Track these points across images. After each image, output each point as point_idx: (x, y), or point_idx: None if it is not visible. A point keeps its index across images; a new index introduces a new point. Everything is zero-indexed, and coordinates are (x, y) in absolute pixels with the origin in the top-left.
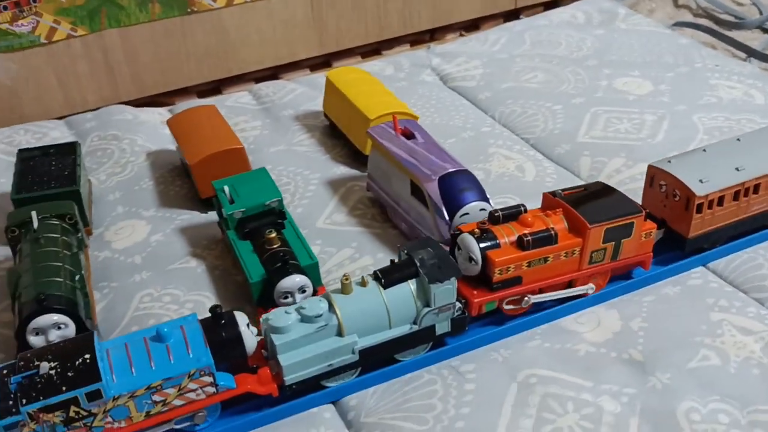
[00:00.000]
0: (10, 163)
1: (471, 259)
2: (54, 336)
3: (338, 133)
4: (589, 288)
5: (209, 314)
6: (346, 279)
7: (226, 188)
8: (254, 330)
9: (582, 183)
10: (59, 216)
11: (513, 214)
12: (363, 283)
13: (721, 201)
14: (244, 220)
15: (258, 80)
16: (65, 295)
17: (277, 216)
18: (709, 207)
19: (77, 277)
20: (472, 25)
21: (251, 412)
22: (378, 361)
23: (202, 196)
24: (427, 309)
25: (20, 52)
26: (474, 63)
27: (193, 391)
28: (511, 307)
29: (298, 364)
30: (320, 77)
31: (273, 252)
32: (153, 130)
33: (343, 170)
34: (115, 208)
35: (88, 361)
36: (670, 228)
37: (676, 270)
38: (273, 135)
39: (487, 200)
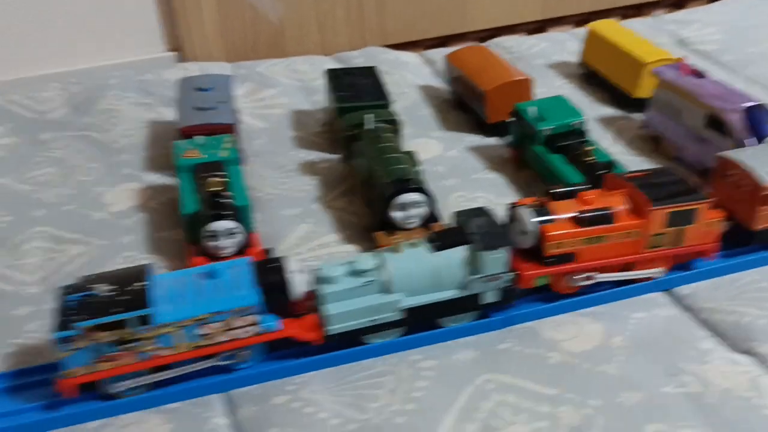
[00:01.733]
0: (297, 87)
1: (524, 231)
2: (413, 213)
3: (597, 80)
4: (657, 272)
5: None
6: (398, 239)
7: (531, 109)
8: (303, 277)
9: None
10: (386, 122)
11: (573, 192)
12: (414, 245)
13: None
14: (551, 136)
15: (481, 39)
16: (418, 178)
17: (579, 135)
18: None
19: (415, 170)
20: (675, 4)
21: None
22: (423, 322)
23: (490, 120)
24: (475, 276)
25: None
26: (710, 30)
27: (239, 328)
28: (566, 284)
29: (341, 315)
30: (557, 34)
31: (592, 163)
32: (416, 68)
33: (610, 111)
34: (405, 128)
35: (140, 287)
36: (738, 220)
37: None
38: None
39: None
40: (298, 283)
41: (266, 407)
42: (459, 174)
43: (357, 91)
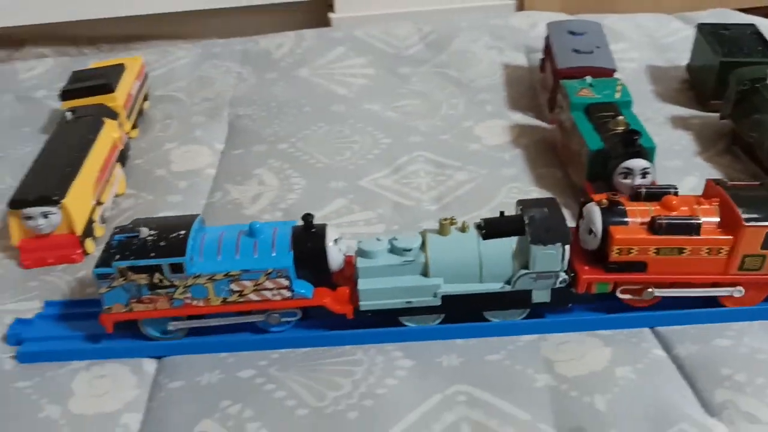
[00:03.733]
0: (646, 42)
1: (591, 231)
2: None
3: None
4: (736, 291)
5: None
6: (445, 220)
7: None
8: (343, 248)
9: None
10: None
11: (658, 194)
12: (463, 229)
13: None
14: None
15: None
16: None
17: None
18: None
19: None
20: None
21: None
22: (465, 313)
23: None
24: (523, 271)
25: None
26: None
27: (269, 290)
28: (628, 296)
29: (375, 292)
30: None
31: None
32: None
33: None
34: None
35: (180, 237)
36: None
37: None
38: None
39: None
40: (337, 253)
41: (710, 348)
42: None
43: (741, 46)
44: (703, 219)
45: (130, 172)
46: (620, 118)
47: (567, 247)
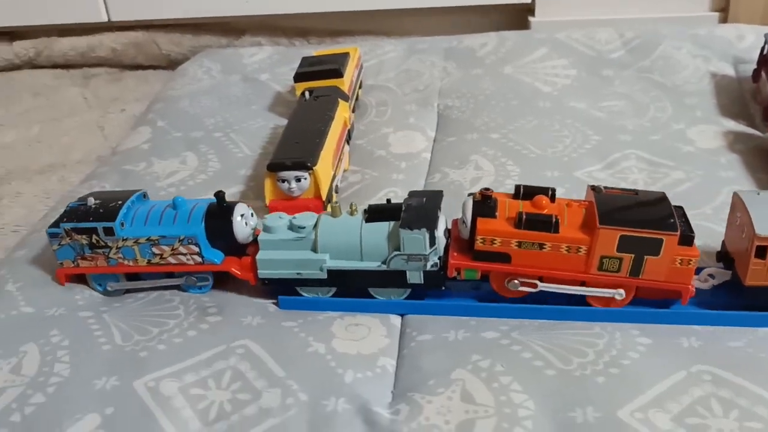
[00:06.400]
0: None
1: (464, 221)
2: None
3: None
4: (617, 294)
5: None
6: (336, 203)
7: None
8: (252, 222)
9: None
10: None
11: (532, 193)
12: (352, 213)
13: None
14: None
15: None
16: None
17: None
18: None
19: None
20: None
21: None
22: (351, 288)
23: None
24: (396, 252)
25: None
26: None
27: (184, 254)
28: (504, 287)
29: (270, 262)
30: None
31: None
32: None
33: None
34: None
35: (116, 206)
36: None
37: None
38: None
39: None
40: (243, 227)
41: None
42: None
43: None
44: (567, 219)
45: (353, 151)
46: None
47: (437, 232)
